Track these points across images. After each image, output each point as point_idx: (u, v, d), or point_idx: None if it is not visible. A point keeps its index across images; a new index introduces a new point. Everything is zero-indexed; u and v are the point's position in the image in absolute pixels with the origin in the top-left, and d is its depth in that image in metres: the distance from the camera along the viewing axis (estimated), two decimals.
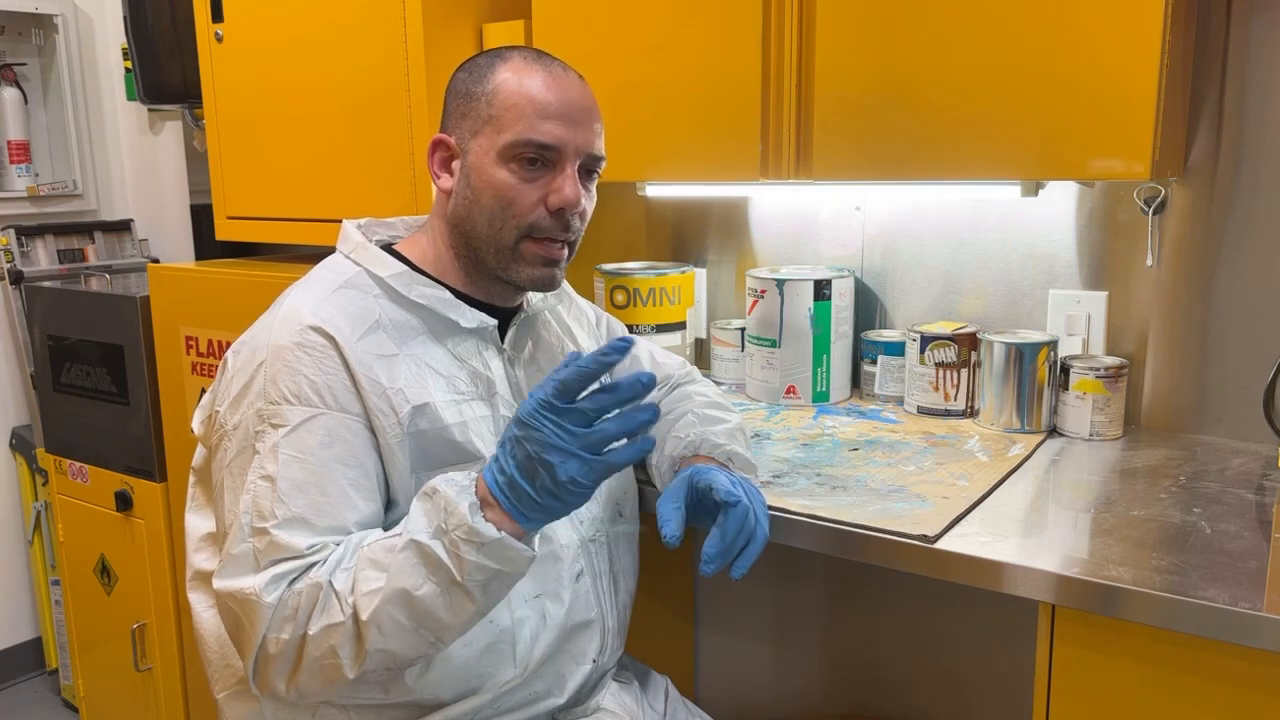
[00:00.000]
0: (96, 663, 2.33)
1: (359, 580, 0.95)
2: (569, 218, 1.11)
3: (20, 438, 2.71)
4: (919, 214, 1.73)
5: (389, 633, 0.95)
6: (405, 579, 0.94)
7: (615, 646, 1.24)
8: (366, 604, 0.94)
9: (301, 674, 0.98)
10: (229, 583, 0.99)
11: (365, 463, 1.03)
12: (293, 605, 0.97)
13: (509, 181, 1.09)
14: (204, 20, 1.90)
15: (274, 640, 0.97)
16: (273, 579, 0.97)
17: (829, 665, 1.90)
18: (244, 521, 1.00)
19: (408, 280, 1.12)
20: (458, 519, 0.93)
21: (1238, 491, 1.27)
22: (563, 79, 1.12)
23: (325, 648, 0.96)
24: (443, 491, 0.95)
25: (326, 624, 0.96)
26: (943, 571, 1.12)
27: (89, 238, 2.81)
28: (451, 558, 0.93)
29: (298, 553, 0.98)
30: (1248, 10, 1.41)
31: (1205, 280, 1.49)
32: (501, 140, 1.08)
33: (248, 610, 0.98)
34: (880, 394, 1.70)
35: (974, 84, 1.30)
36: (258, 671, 1.00)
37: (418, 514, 0.97)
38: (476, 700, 1.10)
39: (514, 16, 1.68)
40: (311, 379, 1.03)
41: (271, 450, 1.01)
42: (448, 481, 0.96)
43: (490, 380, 1.13)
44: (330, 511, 1.00)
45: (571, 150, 1.10)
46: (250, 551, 0.99)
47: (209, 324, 1.87)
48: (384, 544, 0.97)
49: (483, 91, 1.11)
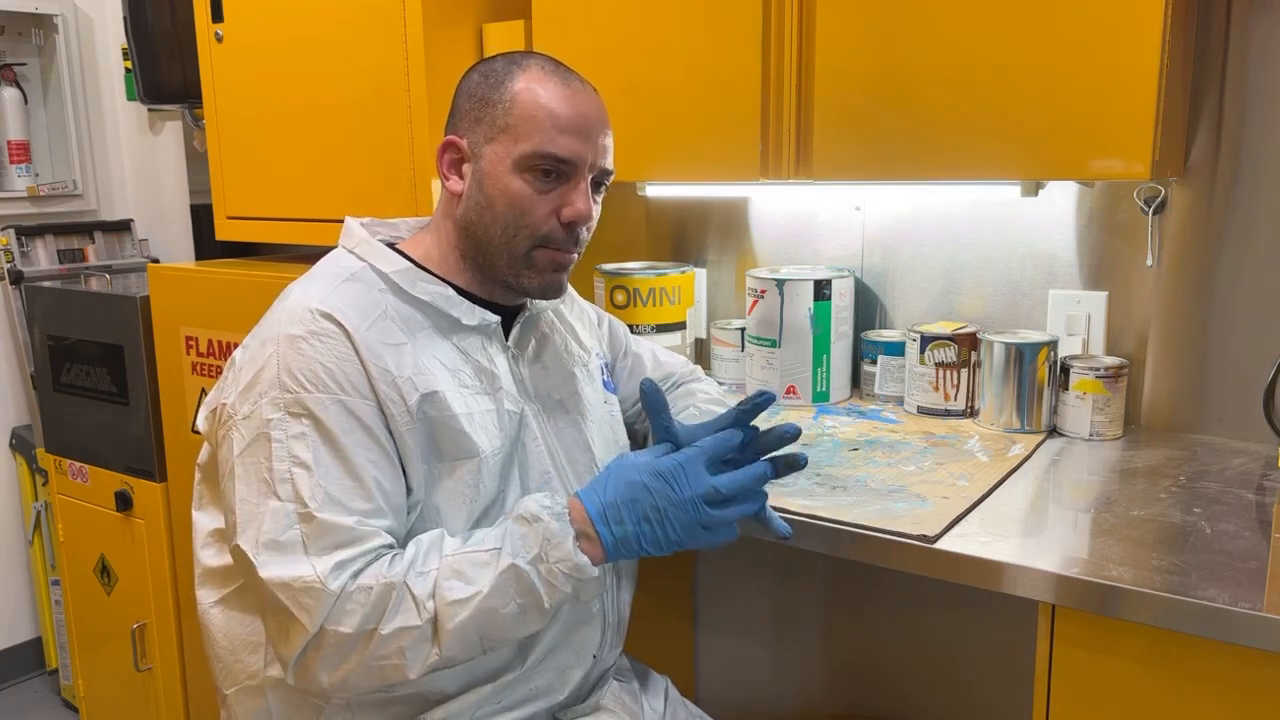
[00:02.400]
0: (96, 663, 2.33)
1: (442, 588, 0.98)
2: (579, 230, 1.13)
3: (20, 438, 2.71)
4: (919, 214, 1.73)
5: (464, 642, 0.99)
6: (496, 598, 0.99)
7: (615, 643, 1.25)
8: (451, 613, 0.98)
9: (354, 669, 0.98)
10: (280, 570, 0.98)
11: (385, 446, 1.04)
12: (359, 600, 0.97)
13: (523, 191, 1.10)
14: (204, 20, 1.90)
15: (333, 632, 0.97)
16: (336, 566, 0.97)
17: (829, 665, 1.90)
18: (288, 509, 0.99)
19: (412, 276, 1.12)
20: (562, 553, 1.00)
21: (1238, 491, 1.27)
22: (580, 93, 1.13)
23: (393, 648, 0.97)
24: (545, 521, 1.01)
25: (401, 626, 0.97)
26: (943, 571, 1.12)
27: (89, 238, 2.81)
28: (545, 585, 1.00)
29: (349, 532, 0.98)
30: (1248, 10, 1.41)
31: (1205, 280, 1.49)
32: (518, 150, 1.09)
33: (308, 598, 0.96)
34: (880, 394, 1.70)
35: (974, 84, 1.30)
36: (302, 661, 0.99)
37: (515, 536, 1.01)
38: (478, 694, 1.10)
39: (514, 16, 1.68)
40: (326, 365, 1.03)
41: (299, 437, 1.01)
42: (546, 510, 1.02)
43: (495, 376, 1.14)
44: (364, 494, 1.01)
45: (586, 165, 1.11)
46: (299, 538, 0.98)
47: (209, 324, 1.87)
48: (471, 557, 1.00)
49: (499, 98, 1.11)
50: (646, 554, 1.03)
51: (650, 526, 1.02)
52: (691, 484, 1.02)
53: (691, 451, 1.04)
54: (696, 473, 1.03)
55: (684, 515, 1.02)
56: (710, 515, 1.02)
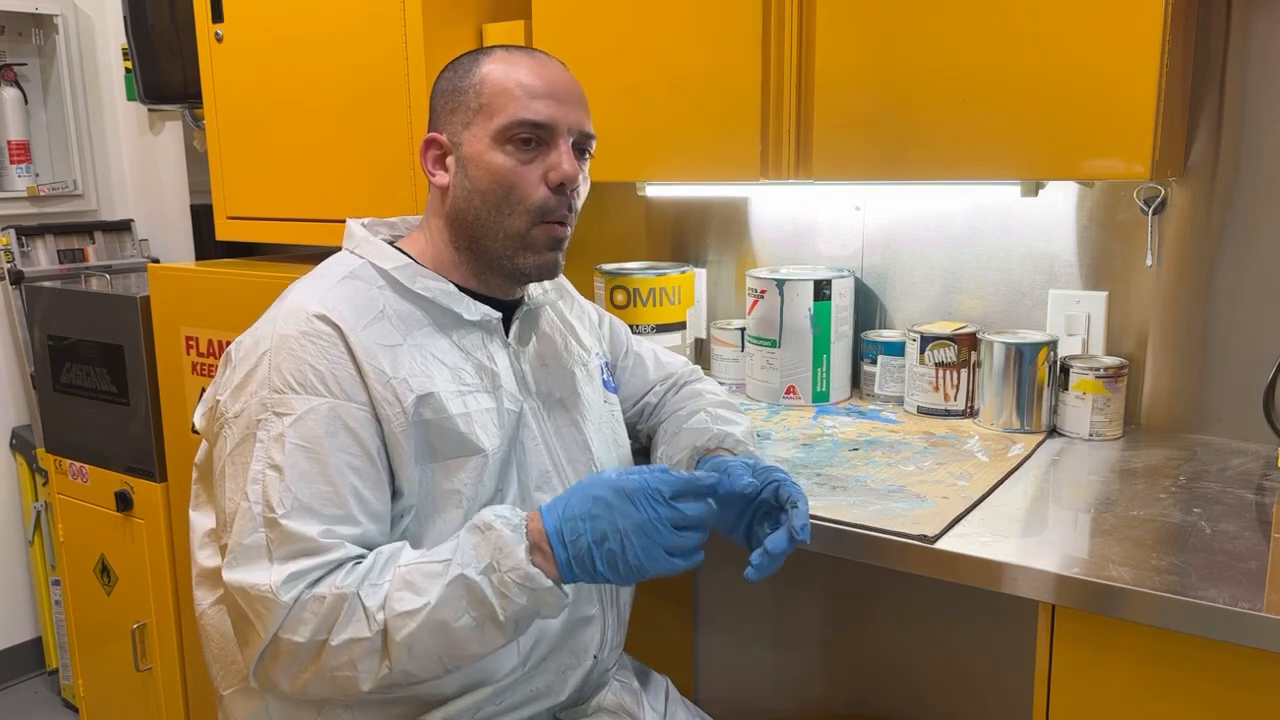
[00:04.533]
0: (96, 663, 2.33)
1: (393, 600, 0.96)
2: (570, 194, 1.12)
3: (20, 438, 2.71)
4: (919, 214, 1.73)
5: (417, 656, 0.96)
6: (446, 610, 0.95)
7: (615, 643, 1.25)
8: (400, 625, 0.95)
9: (311, 678, 0.98)
10: (241, 575, 0.98)
11: (371, 451, 1.03)
12: (313, 610, 0.96)
13: (506, 164, 1.10)
14: (204, 20, 1.90)
15: (286, 640, 0.97)
16: (290, 577, 0.97)
17: (829, 665, 1.90)
18: (255, 511, 0.99)
19: (411, 273, 1.12)
20: (513, 562, 0.95)
21: (1238, 491, 1.27)
22: (547, 64, 1.14)
23: (344, 660, 0.96)
24: (498, 529, 0.97)
25: (351, 637, 0.96)
26: (942, 571, 1.12)
27: (89, 238, 2.81)
28: (498, 596, 0.95)
29: (311, 543, 0.98)
30: (1248, 10, 1.41)
31: (1205, 280, 1.49)
32: (494, 125, 1.10)
33: (261, 606, 0.97)
34: (880, 394, 1.70)
35: (974, 84, 1.30)
36: (261, 666, 1.00)
37: (467, 547, 0.97)
38: (478, 695, 1.10)
39: (514, 16, 1.68)
40: (316, 367, 1.03)
41: (278, 439, 1.01)
42: (500, 519, 0.98)
43: (495, 373, 1.13)
44: (337, 501, 1.00)
45: (564, 127, 1.11)
46: (263, 542, 0.98)
47: (209, 324, 1.87)
48: (423, 568, 0.97)
49: (469, 84, 1.12)
50: (605, 579, 0.97)
51: (608, 546, 0.96)
52: (655, 505, 0.96)
53: (660, 472, 0.99)
54: (661, 494, 0.97)
55: (645, 537, 0.96)
56: (674, 539, 0.97)
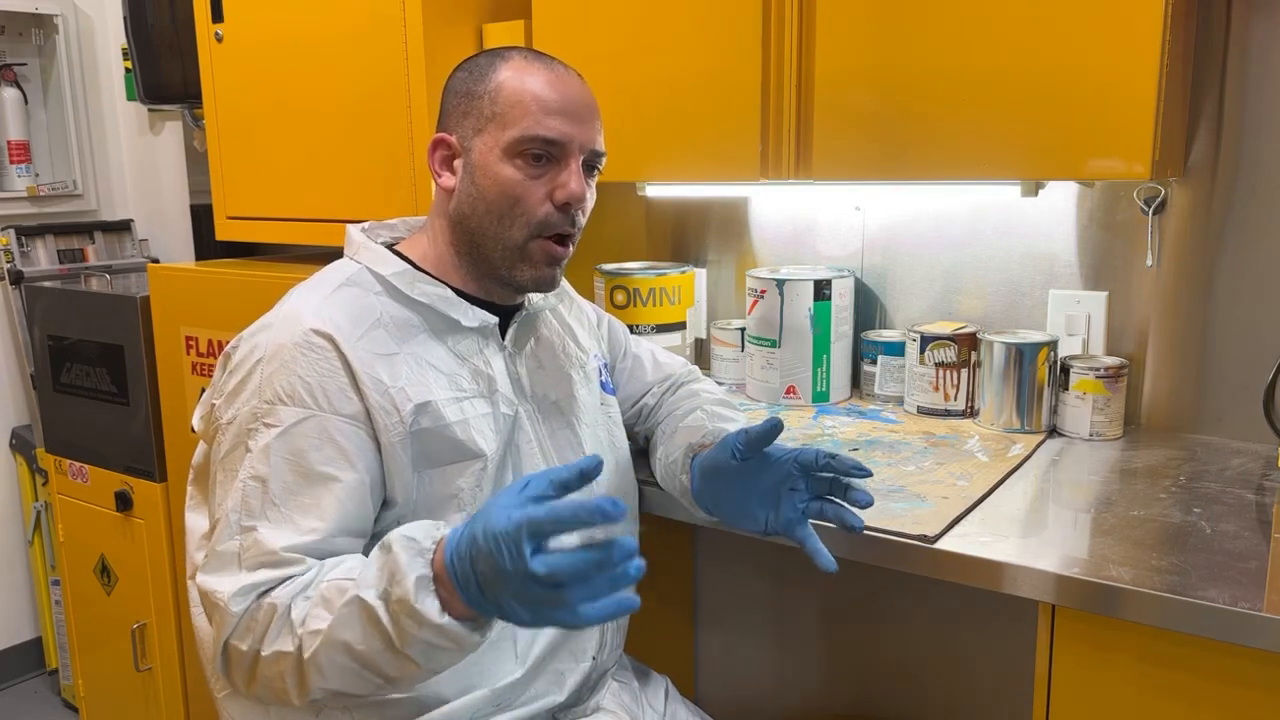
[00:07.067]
0: (96, 663, 2.33)
1: (309, 616, 0.93)
2: (574, 213, 1.12)
3: (20, 438, 2.71)
4: (919, 214, 1.73)
5: (331, 675, 0.93)
6: (347, 631, 0.91)
7: (615, 644, 1.25)
8: (309, 643, 0.92)
9: (260, 685, 0.99)
10: (208, 579, 1.00)
11: (357, 466, 1.03)
12: (257, 619, 0.97)
13: (515, 178, 1.09)
14: (204, 20, 1.90)
15: (234, 647, 0.98)
16: (242, 589, 0.97)
17: (829, 665, 1.90)
18: (233, 519, 1.00)
19: (409, 278, 1.12)
20: (401, 591, 0.87)
21: (1238, 491, 1.27)
22: (564, 76, 1.13)
23: (275, 671, 0.96)
24: (396, 553, 0.89)
25: (278, 650, 0.95)
26: (943, 571, 1.12)
27: (89, 238, 2.81)
28: (393, 625, 0.88)
29: (277, 557, 0.98)
30: (1248, 10, 1.41)
31: (1205, 280, 1.49)
32: (507, 137, 1.09)
33: (215, 612, 0.99)
34: (880, 394, 1.70)
35: (974, 84, 1.30)
36: (220, 670, 1.01)
37: (371, 566, 0.92)
38: (477, 696, 1.10)
39: (514, 16, 1.68)
40: (306, 380, 1.03)
41: (263, 450, 1.01)
42: (407, 542, 0.89)
43: (491, 378, 1.13)
44: (316, 513, 1.00)
45: (576, 146, 1.11)
46: (235, 550, 0.99)
47: (209, 324, 1.87)
48: (338, 584, 0.93)
49: (484, 90, 1.11)
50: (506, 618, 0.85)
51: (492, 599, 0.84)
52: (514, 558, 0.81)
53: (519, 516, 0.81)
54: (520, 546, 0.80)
55: (521, 592, 0.82)
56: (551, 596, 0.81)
